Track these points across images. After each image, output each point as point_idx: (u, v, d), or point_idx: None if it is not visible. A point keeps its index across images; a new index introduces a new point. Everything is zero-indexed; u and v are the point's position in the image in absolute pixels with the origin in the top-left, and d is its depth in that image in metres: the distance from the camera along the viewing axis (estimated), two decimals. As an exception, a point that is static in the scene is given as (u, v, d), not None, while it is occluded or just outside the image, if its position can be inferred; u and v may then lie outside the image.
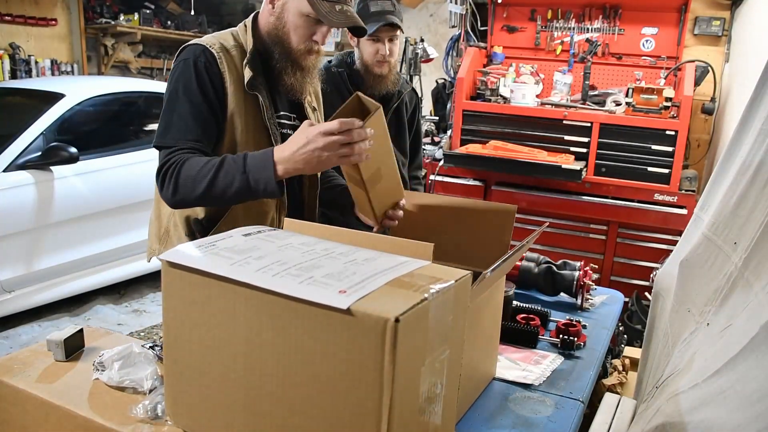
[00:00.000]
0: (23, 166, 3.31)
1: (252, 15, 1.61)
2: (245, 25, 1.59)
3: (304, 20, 1.49)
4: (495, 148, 3.38)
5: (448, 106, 4.02)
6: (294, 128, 1.56)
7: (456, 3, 3.86)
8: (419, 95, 4.99)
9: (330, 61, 2.23)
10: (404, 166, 2.34)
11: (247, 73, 1.51)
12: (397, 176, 1.53)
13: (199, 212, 1.57)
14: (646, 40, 3.54)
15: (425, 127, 4.30)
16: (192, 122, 1.46)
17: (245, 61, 1.52)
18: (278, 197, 1.44)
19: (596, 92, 3.54)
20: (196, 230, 1.58)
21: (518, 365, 1.40)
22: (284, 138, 1.54)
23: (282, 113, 1.64)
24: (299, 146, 1.30)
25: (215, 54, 1.50)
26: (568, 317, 1.63)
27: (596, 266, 1.96)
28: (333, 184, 1.78)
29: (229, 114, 1.52)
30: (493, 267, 1.07)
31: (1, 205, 3.17)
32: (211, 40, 1.54)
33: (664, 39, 3.50)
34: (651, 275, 2.05)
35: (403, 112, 2.31)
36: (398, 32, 2.12)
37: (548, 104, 3.48)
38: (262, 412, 0.86)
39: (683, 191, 3.17)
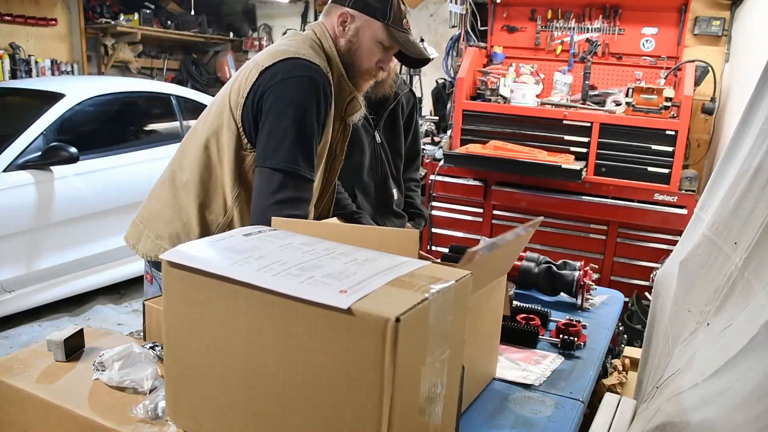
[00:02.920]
0: (23, 166, 3.30)
1: (316, 27, 1.54)
2: (321, 43, 1.52)
3: (378, 47, 1.52)
4: (495, 148, 3.38)
5: (448, 106, 4.02)
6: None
7: (456, 3, 3.86)
8: (419, 96, 5.00)
9: None
10: (398, 169, 2.33)
11: (362, 112, 1.58)
12: None
13: None
14: (646, 40, 3.54)
15: (425, 127, 4.30)
16: (315, 155, 1.45)
17: (351, 95, 1.55)
18: None
19: (596, 92, 3.54)
20: None
21: (518, 365, 1.40)
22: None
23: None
24: None
25: (329, 80, 1.47)
26: (568, 317, 1.62)
27: (596, 266, 1.96)
28: (348, 211, 1.87)
29: (328, 142, 1.53)
30: (481, 246, 1.05)
31: (1, 205, 3.17)
32: (317, 59, 1.46)
33: (664, 39, 3.50)
34: (651, 275, 2.05)
35: (398, 114, 2.28)
36: None
37: (548, 104, 3.48)
38: (263, 412, 0.86)
39: (683, 191, 3.17)
